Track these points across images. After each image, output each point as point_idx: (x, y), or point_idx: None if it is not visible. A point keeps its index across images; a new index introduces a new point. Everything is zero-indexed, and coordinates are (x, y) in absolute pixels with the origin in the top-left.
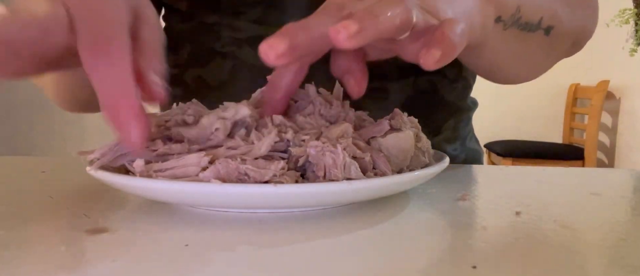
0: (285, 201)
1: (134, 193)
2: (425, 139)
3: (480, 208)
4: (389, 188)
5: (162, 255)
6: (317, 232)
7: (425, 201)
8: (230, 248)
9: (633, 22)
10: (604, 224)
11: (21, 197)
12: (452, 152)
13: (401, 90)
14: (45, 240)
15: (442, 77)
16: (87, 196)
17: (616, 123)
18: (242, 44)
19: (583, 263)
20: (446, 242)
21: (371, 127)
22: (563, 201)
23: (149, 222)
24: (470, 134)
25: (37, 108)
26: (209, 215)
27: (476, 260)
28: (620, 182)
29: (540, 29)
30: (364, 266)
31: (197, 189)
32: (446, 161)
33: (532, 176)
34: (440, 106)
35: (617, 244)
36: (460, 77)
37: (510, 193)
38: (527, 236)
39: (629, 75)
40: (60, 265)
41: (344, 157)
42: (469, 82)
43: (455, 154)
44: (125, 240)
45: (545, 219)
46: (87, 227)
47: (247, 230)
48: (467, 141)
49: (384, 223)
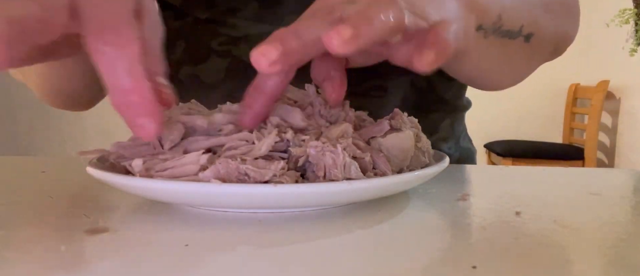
0: (285, 201)
1: (134, 193)
2: (425, 139)
3: (480, 208)
4: (389, 188)
5: (162, 255)
6: (317, 232)
7: (425, 201)
8: (230, 248)
9: (633, 22)
10: (604, 225)
11: (21, 197)
12: (447, 151)
13: (399, 88)
14: (45, 240)
15: (439, 75)
16: (87, 196)
17: (616, 123)
18: (239, 42)
19: (583, 263)
20: (446, 242)
21: (371, 127)
22: (563, 201)
23: (149, 222)
24: (464, 133)
25: (37, 108)
26: (209, 215)
27: (476, 260)
28: (620, 182)
29: (521, 36)
30: (364, 266)
31: (197, 189)
32: (446, 161)
33: (532, 176)
34: (438, 104)
35: (617, 244)
36: None
37: (510, 193)
38: (527, 236)
39: (629, 75)
40: (60, 265)
41: (344, 157)
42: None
43: (450, 153)
44: (125, 240)
45: (545, 219)
46: (87, 227)
47: (247, 230)
48: (461, 140)
49: (384, 223)
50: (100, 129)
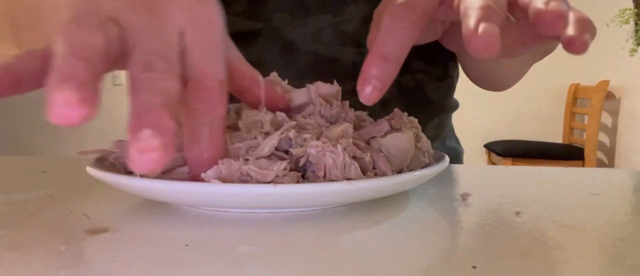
0: (285, 201)
1: (134, 193)
2: (425, 139)
3: (480, 208)
4: (389, 188)
5: (162, 255)
6: (317, 232)
7: (425, 201)
8: (231, 248)
9: (633, 22)
10: (604, 225)
11: (21, 197)
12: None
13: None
14: (45, 240)
15: (426, 75)
16: (87, 196)
17: (616, 123)
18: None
19: (583, 263)
20: (446, 242)
21: (371, 127)
22: (563, 201)
23: (149, 222)
24: (450, 132)
25: (37, 108)
26: (209, 215)
27: (476, 260)
28: (620, 182)
29: None
30: (364, 266)
31: (197, 189)
32: (446, 161)
33: (532, 176)
34: (425, 104)
35: (617, 244)
36: (446, 76)
37: (510, 193)
38: (527, 236)
39: (629, 75)
40: (60, 265)
41: (344, 157)
42: (453, 81)
43: None
44: (125, 240)
45: (545, 219)
46: (87, 227)
47: (247, 230)
48: (448, 140)
49: (384, 223)
50: (101, 129)
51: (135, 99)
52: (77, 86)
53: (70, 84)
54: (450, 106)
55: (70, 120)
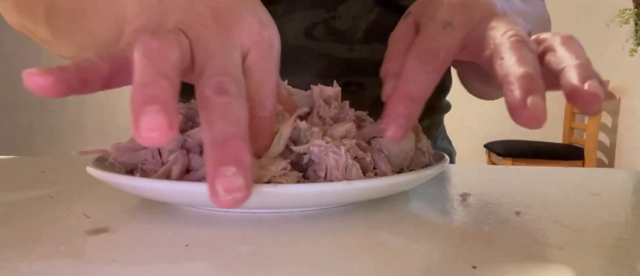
0: (285, 201)
1: (134, 193)
2: (426, 139)
3: (480, 208)
4: (389, 188)
5: (162, 255)
6: (317, 232)
7: (425, 201)
8: (230, 248)
9: (633, 22)
10: (604, 225)
11: (21, 197)
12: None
13: (377, 86)
14: (45, 240)
15: None
16: (87, 196)
17: (616, 123)
18: None
19: (583, 263)
20: (446, 242)
21: (372, 127)
22: (563, 201)
23: (149, 222)
24: (442, 134)
25: (37, 108)
26: (209, 215)
27: (476, 260)
28: (620, 182)
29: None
30: (364, 266)
31: (197, 189)
32: (446, 161)
33: (532, 176)
34: None
35: (617, 244)
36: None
37: (510, 193)
38: (527, 236)
39: (629, 75)
40: (60, 265)
41: (347, 159)
42: (445, 84)
43: None
44: (125, 240)
45: (545, 219)
46: (87, 227)
47: (247, 230)
48: (439, 141)
49: (384, 223)
50: (100, 129)
51: (211, 125)
52: (163, 108)
53: (156, 106)
54: (442, 108)
55: (158, 144)
